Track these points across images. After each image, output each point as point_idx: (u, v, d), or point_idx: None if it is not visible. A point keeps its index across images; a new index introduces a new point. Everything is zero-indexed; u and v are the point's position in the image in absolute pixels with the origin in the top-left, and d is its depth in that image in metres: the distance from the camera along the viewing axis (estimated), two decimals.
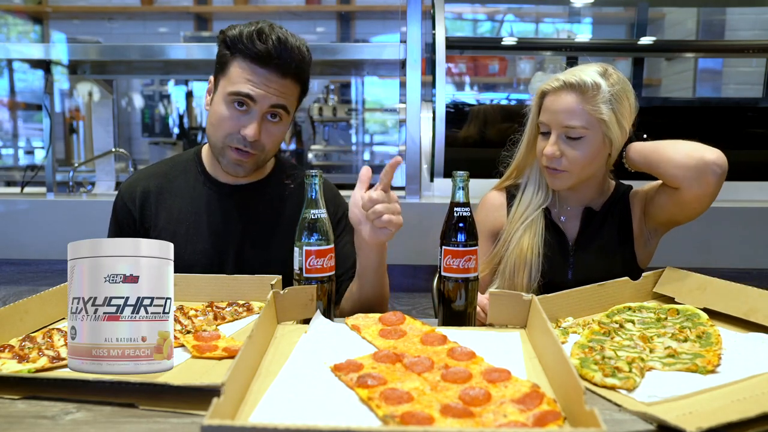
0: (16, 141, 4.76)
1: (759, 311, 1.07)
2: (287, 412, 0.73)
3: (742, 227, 1.99)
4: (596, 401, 0.81)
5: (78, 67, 2.46)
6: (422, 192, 2.17)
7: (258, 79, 1.29)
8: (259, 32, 1.28)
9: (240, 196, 1.44)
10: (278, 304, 1.05)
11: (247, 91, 1.29)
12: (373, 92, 4.74)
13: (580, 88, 1.32)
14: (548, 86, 1.37)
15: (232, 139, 1.33)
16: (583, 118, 1.32)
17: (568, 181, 1.39)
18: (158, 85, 4.62)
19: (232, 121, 1.32)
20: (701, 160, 1.23)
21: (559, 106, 1.34)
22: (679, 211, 1.34)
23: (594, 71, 1.34)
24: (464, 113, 2.47)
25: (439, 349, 0.91)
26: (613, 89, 1.33)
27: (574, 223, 1.47)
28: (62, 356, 0.91)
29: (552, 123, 1.36)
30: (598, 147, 1.35)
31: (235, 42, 1.30)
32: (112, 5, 4.78)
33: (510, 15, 4.71)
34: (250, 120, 1.31)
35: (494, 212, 1.52)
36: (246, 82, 1.29)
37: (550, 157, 1.36)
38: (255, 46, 1.28)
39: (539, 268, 1.40)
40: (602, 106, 1.32)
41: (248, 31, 1.29)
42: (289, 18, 4.70)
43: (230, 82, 1.31)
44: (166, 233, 1.41)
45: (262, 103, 1.30)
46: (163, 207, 1.43)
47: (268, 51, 1.28)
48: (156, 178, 1.46)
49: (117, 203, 1.47)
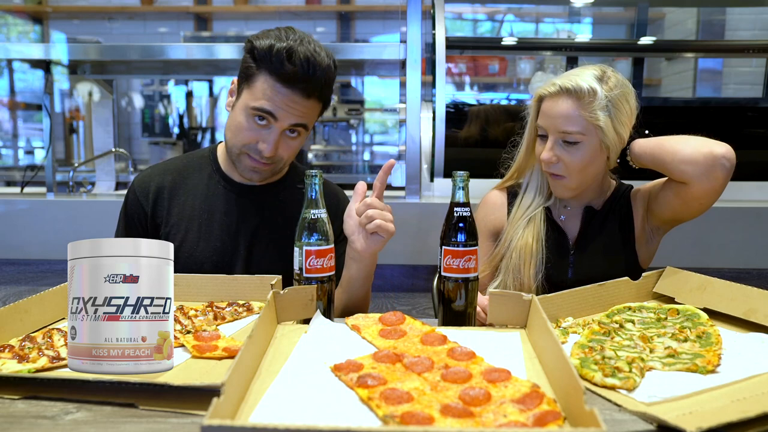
0: (16, 141, 4.76)
1: (759, 311, 1.07)
2: (287, 412, 0.73)
3: (742, 227, 1.99)
4: (596, 401, 0.81)
5: (78, 67, 2.47)
6: (422, 192, 2.17)
7: (281, 99, 1.27)
8: (290, 52, 1.25)
9: (253, 196, 1.44)
10: (278, 304, 1.05)
11: (270, 109, 1.28)
12: (373, 92, 4.75)
13: (576, 93, 1.31)
14: (545, 91, 1.37)
15: (249, 149, 1.33)
16: (580, 124, 1.32)
17: (569, 188, 1.39)
18: (158, 85, 4.62)
19: (250, 132, 1.31)
20: (710, 155, 1.22)
21: (556, 111, 1.34)
22: (685, 207, 1.33)
23: (591, 75, 1.33)
24: (464, 113, 2.47)
25: (439, 349, 0.91)
26: (611, 94, 1.32)
27: (574, 223, 1.47)
28: (62, 356, 0.91)
29: (549, 128, 1.36)
30: (594, 152, 1.35)
31: (263, 57, 1.27)
32: (112, 5, 4.79)
33: (510, 15, 4.71)
34: (269, 135, 1.30)
35: (495, 211, 1.52)
36: (269, 100, 1.28)
37: (547, 163, 1.37)
38: (283, 66, 1.25)
39: (544, 261, 1.41)
40: (599, 112, 1.31)
41: (278, 48, 1.25)
42: (289, 18, 4.70)
43: (253, 96, 1.29)
44: (178, 230, 1.41)
45: (283, 121, 1.30)
46: (176, 203, 1.43)
47: (295, 72, 1.25)
48: (170, 174, 1.46)
49: (129, 197, 1.46)
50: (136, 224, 1.44)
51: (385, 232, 1.17)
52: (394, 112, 4.59)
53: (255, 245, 1.42)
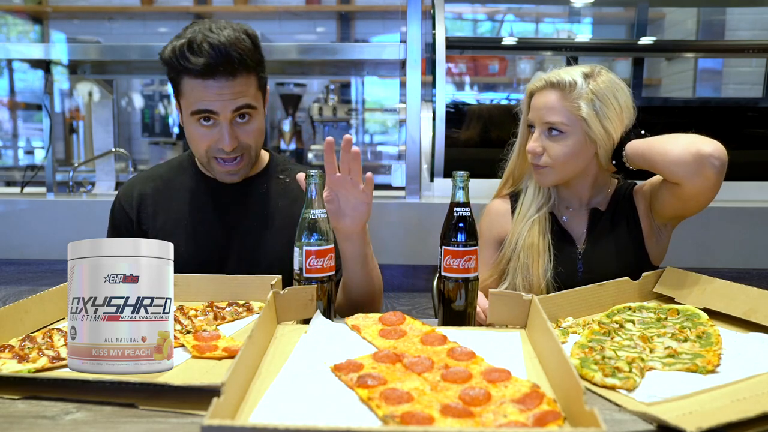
0: (16, 141, 4.76)
1: (759, 311, 1.07)
2: (287, 412, 0.73)
3: (742, 227, 1.99)
4: (596, 401, 0.81)
5: (78, 67, 2.46)
6: (422, 192, 2.17)
7: (210, 92, 1.25)
8: (190, 46, 1.23)
9: (236, 193, 1.44)
10: (278, 304, 1.05)
11: (206, 107, 1.27)
12: (373, 92, 4.74)
13: (559, 85, 1.37)
14: (534, 86, 1.42)
15: (213, 151, 1.33)
16: (563, 115, 1.35)
17: (552, 177, 1.40)
18: (158, 85, 4.62)
19: (204, 137, 1.31)
20: (698, 154, 1.21)
21: (542, 103, 1.38)
22: (683, 205, 1.33)
23: (578, 71, 1.37)
24: (464, 113, 2.47)
25: (439, 349, 0.91)
26: (596, 87, 1.35)
27: (577, 223, 1.47)
28: (62, 356, 0.91)
29: (536, 120, 1.40)
30: (579, 145, 1.37)
31: (171, 62, 1.26)
32: (112, 5, 4.78)
33: (510, 15, 4.71)
34: (220, 132, 1.29)
35: (499, 219, 1.52)
36: (200, 99, 1.26)
37: (532, 153, 1.39)
38: (190, 62, 1.23)
39: (552, 258, 1.41)
40: (581, 103, 1.34)
41: (179, 47, 1.24)
42: (289, 18, 4.70)
43: (187, 102, 1.29)
44: (165, 234, 1.41)
45: (224, 113, 1.28)
46: (161, 209, 1.44)
47: (207, 63, 1.23)
48: (152, 181, 1.47)
49: (114, 208, 1.48)
50: (123, 233, 1.45)
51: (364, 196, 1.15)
52: (394, 112, 4.58)
53: (244, 241, 1.42)
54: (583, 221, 1.47)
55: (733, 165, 1.25)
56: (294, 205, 1.12)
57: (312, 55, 2.18)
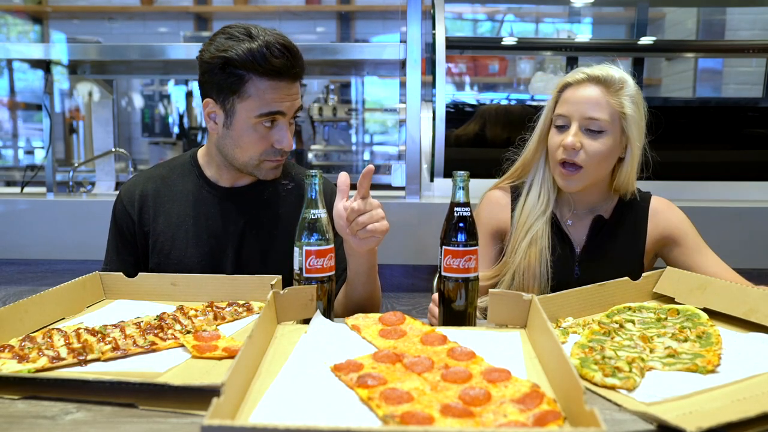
0: (16, 141, 4.76)
1: (759, 311, 1.07)
2: (287, 412, 0.73)
3: (742, 227, 1.99)
4: (596, 401, 0.81)
5: (78, 67, 2.46)
6: (422, 192, 2.17)
7: (281, 94, 1.29)
8: (269, 47, 1.25)
9: (238, 198, 1.44)
10: (278, 304, 1.05)
11: (277, 108, 1.29)
12: (373, 92, 4.74)
13: (605, 81, 1.34)
14: (572, 78, 1.38)
15: (268, 154, 1.34)
16: (607, 111, 1.33)
17: (579, 182, 1.37)
18: (158, 85, 4.62)
19: (263, 139, 1.32)
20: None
21: (583, 96, 1.34)
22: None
23: (618, 69, 1.37)
24: (464, 113, 2.47)
25: (439, 349, 0.91)
26: (636, 89, 1.36)
27: (580, 229, 1.46)
28: (62, 356, 0.91)
29: (573, 114, 1.35)
30: (615, 144, 1.35)
31: (247, 63, 1.26)
32: (112, 5, 4.79)
33: (510, 15, 4.71)
34: (282, 132, 1.32)
35: (498, 211, 1.50)
36: (272, 100, 1.28)
37: (569, 148, 1.34)
38: (270, 63, 1.25)
39: (549, 278, 1.40)
40: (626, 100, 1.33)
41: (256, 48, 1.25)
42: (289, 18, 4.70)
43: (253, 104, 1.29)
44: (165, 237, 1.41)
45: (289, 113, 1.32)
46: (162, 211, 1.43)
47: (284, 63, 1.26)
48: (153, 182, 1.46)
49: (116, 207, 1.47)
50: (125, 232, 1.44)
51: (379, 233, 1.15)
52: (394, 112, 4.58)
53: (243, 246, 1.41)
54: (586, 227, 1.46)
55: (733, 165, 1.25)
56: (296, 210, 1.12)
57: (312, 55, 2.18)
